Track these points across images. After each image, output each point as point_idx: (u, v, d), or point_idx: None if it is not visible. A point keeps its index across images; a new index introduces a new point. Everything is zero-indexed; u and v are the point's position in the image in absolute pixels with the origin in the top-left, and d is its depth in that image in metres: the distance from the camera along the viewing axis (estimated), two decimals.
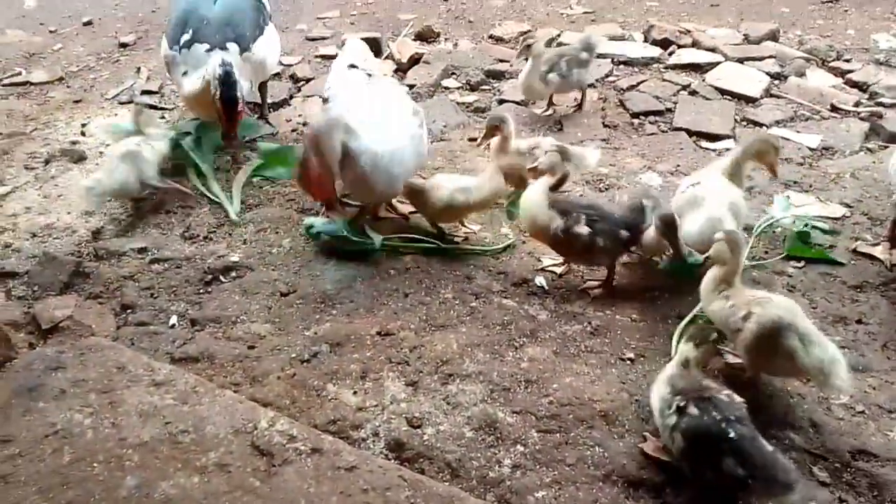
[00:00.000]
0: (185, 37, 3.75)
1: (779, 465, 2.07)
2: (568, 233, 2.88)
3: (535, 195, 2.96)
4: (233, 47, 3.73)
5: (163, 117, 4.49)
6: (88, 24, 5.95)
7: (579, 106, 4.43)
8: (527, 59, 4.22)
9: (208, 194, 3.65)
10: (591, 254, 2.94)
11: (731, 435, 2.09)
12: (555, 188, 2.98)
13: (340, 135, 2.92)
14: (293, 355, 2.71)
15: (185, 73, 3.72)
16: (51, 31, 5.85)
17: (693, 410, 2.16)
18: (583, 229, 2.87)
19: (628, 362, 2.66)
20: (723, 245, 2.50)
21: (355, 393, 2.54)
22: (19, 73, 5.09)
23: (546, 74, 4.18)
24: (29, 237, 3.40)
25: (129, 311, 2.97)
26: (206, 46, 3.69)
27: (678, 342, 2.60)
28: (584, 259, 3.05)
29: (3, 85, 4.96)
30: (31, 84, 4.96)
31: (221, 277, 3.14)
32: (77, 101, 4.71)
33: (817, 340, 2.31)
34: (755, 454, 2.07)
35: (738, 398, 2.21)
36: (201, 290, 3.08)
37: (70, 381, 2.40)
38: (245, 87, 3.67)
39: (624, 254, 3.05)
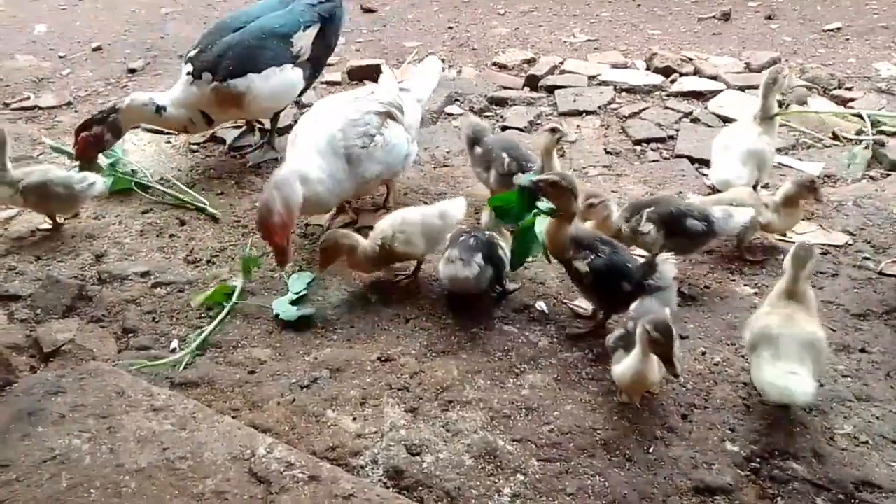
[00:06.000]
0: (192, 52, 4.07)
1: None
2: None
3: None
4: (206, 77, 3.93)
5: (168, 141, 4.54)
6: (98, 49, 6.03)
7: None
8: None
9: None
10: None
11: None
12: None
13: (298, 184, 3.03)
14: (293, 381, 2.70)
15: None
16: (60, 57, 5.93)
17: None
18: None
19: None
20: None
21: (355, 419, 2.53)
22: (28, 98, 5.16)
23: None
24: (33, 260, 3.41)
25: (130, 335, 2.97)
26: (190, 69, 3.97)
27: None
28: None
29: (12, 109, 5.02)
30: (40, 108, 5.02)
31: (223, 302, 3.15)
32: None
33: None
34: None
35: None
36: (203, 315, 3.08)
37: (69, 406, 2.40)
38: (177, 114, 3.95)
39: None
